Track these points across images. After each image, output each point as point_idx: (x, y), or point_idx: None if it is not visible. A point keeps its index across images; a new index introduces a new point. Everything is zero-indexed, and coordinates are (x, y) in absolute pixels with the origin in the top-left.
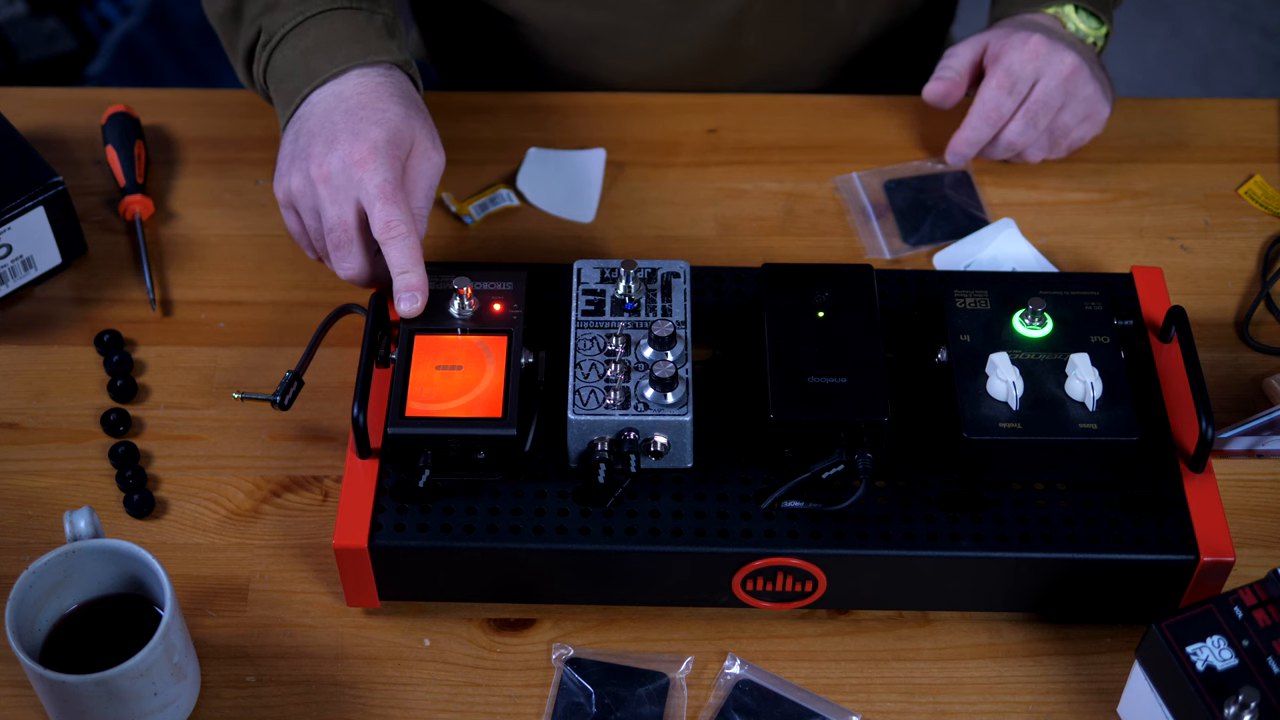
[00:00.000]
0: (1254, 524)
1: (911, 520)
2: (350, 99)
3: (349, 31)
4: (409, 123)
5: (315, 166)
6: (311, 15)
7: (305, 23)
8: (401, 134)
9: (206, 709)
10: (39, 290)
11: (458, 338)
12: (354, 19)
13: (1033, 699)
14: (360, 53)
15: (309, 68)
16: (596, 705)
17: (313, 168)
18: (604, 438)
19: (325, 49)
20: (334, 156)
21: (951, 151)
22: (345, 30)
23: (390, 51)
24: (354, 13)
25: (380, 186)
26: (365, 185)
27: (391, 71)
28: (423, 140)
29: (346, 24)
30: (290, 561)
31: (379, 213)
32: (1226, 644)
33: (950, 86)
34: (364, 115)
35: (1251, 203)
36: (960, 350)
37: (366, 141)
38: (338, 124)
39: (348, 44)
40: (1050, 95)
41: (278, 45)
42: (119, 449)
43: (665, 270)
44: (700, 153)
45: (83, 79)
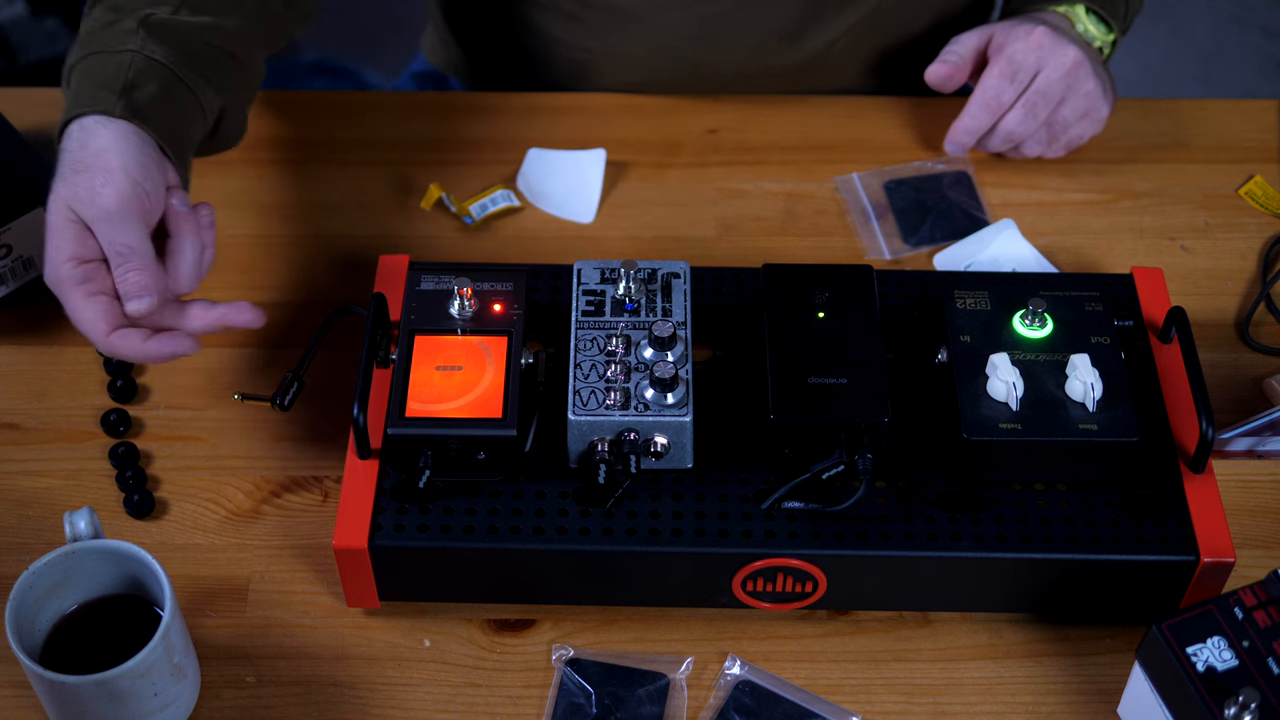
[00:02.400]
0: (1254, 524)
1: (911, 521)
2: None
3: (74, 86)
4: (62, 208)
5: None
6: (67, 80)
7: (75, 68)
8: (59, 229)
9: (206, 709)
10: (39, 291)
11: (458, 338)
12: (86, 68)
13: (1033, 699)
14: (63, 112)
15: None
16: (596, 706)
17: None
18: (604, 438)
19: (69, 97)
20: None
21: (950, 140)
22: (73, 86)
23: (94, 100)
24: (90, 59)
25: (68, 312)
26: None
27: (76, 133)
28: (81, 205)
29: (77, 78)
30: (290, 562)
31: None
32: (1227, 645)
33: (953, 70)
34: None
35: (1251, 203)
36: (960, 351)
37: (45, 264)
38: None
39: (69, 96)
40: (1051, 87)
41: (68, 83)
42: (119, 449)
43: (665, 270)
44: (700, 153)
45: None
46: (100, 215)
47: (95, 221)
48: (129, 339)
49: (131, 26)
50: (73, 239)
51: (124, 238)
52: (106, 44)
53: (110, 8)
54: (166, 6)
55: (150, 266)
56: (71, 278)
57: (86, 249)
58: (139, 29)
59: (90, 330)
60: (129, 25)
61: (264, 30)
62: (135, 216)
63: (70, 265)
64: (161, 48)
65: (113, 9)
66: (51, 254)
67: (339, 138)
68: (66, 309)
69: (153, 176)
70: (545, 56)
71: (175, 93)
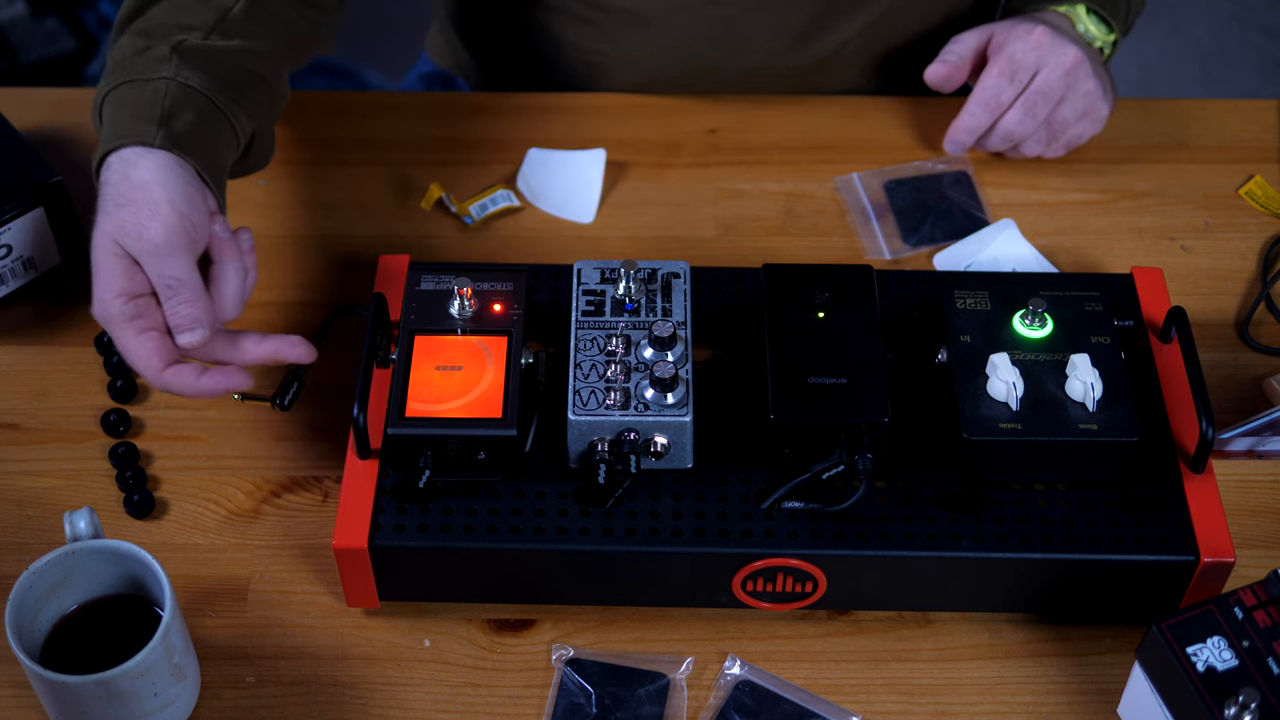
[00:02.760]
0: (1254, 524)
1: (911, 520)
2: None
3: (109, 116)
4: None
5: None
6: (99, 103)
7: (100, 113)
8: (105, 266)
9: (206, 709)
10: (39, 290)
11: (458, 338)
12: (119, 98)
13: (1033, 699)
14: (104, 142)
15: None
16: (596, 706)
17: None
18: (604, 438)
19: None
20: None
21: (949, 139)
22: (109, 116)
23: (133, 133)
24: (123, 89)
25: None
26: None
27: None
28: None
29: (111, 108)
30: (290, 561)
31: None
32: (1227, 645)
33: (952, 70)
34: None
35: (1251, 203)
36: (960, 350)
37: (94, 303)
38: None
39: (104, 133)
40: (1050, 86)
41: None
42: (119, 449)
43: (665, 270)
44: (700, 153)
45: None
46: (148, 249)
47: (143, 255)
48: (183, 375)
49: (164, 53)
50: (121, 274)
51: (173, 270)
52: (139, 71)
53: (140, 34)
54: (198, 32)
55: (200, 298)
56: (122, 314)
57: (135, 284)
58: (172, 55)
59: (144, 368)
60: (161, 52)
61: (291, 51)
62: (183, 248)
63: (120, 301)
64: (196, 74)
65: (143, 35)
66: (100, 290)
67: (339, 138)
68: (118, 345)
69: (196, 206)
70: (557, 59)
71: (211, 119)
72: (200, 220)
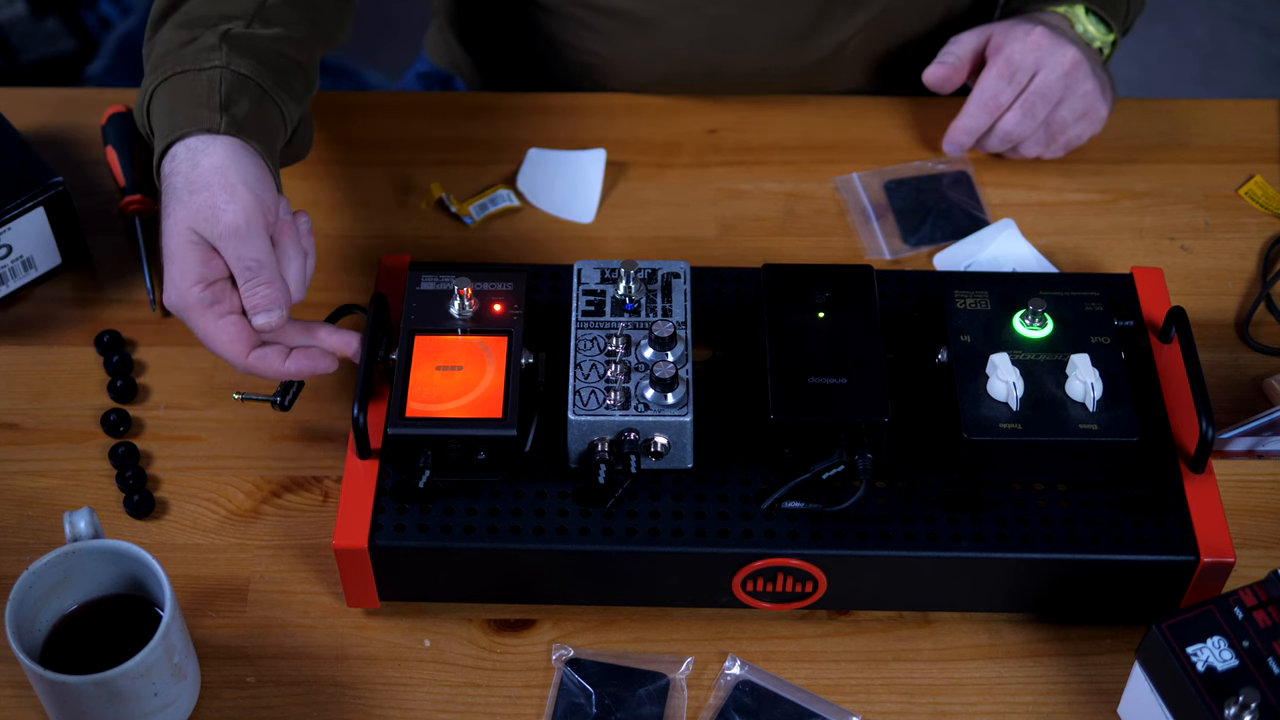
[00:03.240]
0: (1254, 524)
1: (911, 520)
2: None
3: (168, 106)
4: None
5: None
6: (148, 99)
7: (149, 105)
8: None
9: (206, 709)
10: (39, 290)
11: (458, 338)
12: (174, 87)
13: (1033, 700)
14: (166, 130)
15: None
16: (596, 706)
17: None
18: (604, 438)
19: (157, 132)
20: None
21: (949, 141)
22: (165, 106)
23: (195, 119)
24: (177, 79)
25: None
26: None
27: (184, 152)
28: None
29: (166, 97)
30: (290, 562)
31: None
32: (1227, 645)
33: (951, 71)
34: (161, 248)
35: (1251, 203)
36: (960, 350)
37: (168, 291)
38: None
39: (162, 122)
40: (1049, 87)
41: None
42: (119, 449)
43: (665, 270)
44: (700, 153)
45: (83, 79)
46: (226, 232)
47: (221, 239)
48: (269, 359)
49: (213, 42)
50: (197, 261)
51: (251, 252)
52: (190, 62)
53: (182, 26)
54: (240, 20)
55: (277, 279)
56: (201, 301)
57: (212, 269)
58: (221, 44)
59: (228, 352)
60: (210, 41)
61: (322, 38)
62: (260, 230)
63: (198, 289)
64: (245, 61)
65: (184, 27)
66: (175, 278)
67: (339, 137)
68: (198, 333)
69: (268, 188)
70: (554, 61)
71: (264, 105)
72: (272, 202)
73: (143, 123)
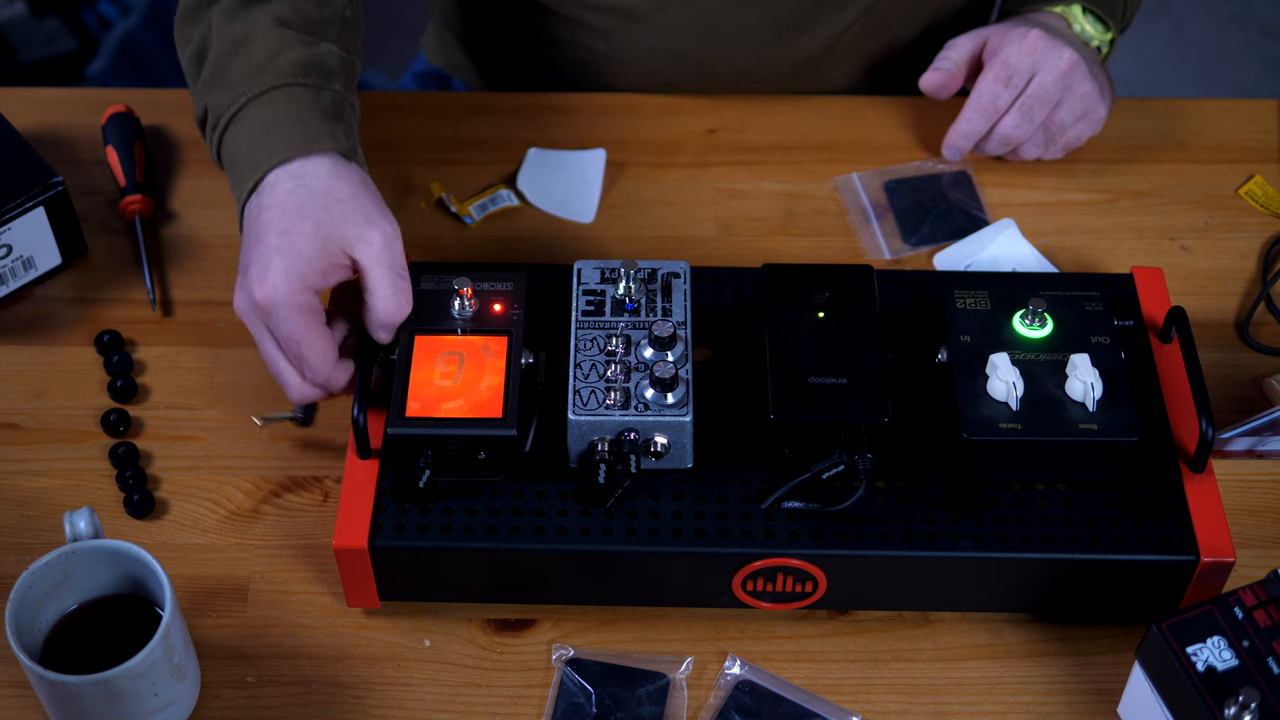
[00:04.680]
0: (1254, 524)
1: (911, 521)
2: (264, 218)
3: (290, 115)
4: (320, 236)
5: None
6: (256, 95)
7: (250, 104)
8: (307, 256)
9: (206, 709)
10: (39, 290)
11: (458, 338)
12: (299, 98)
13: (1033, 700)
14: (298, 142)
15: (252, 157)
16: (596, 706)
17: (240, 296)
18: (604, 438)
19: (268, 136)
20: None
21: (947, 145)
22: (288, 112)
23: (333, 138)
24: (300, 89)
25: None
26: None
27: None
28: (355, 231)
29: (290, 105)
30: (290, 561)
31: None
32: (1227, 644)
33: (947, 78)
34: (268, 242)
35: (1252, 203)
36: (960, 350)
37: (263, 285)
38: (255, 248)
39: (287, 130)
40: (1047, 90)
41: (226, 128)
42: (119, 449)
43: (665, 270)
44: (700, 153)
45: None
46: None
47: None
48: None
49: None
50: (319, 268)
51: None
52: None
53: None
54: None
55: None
56: (309, 305)
57: (327, 279)
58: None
59: (320, 359)
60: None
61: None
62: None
63: (309, 293)
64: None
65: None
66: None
67: None
68: (285, 332)
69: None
70: (550, 58)
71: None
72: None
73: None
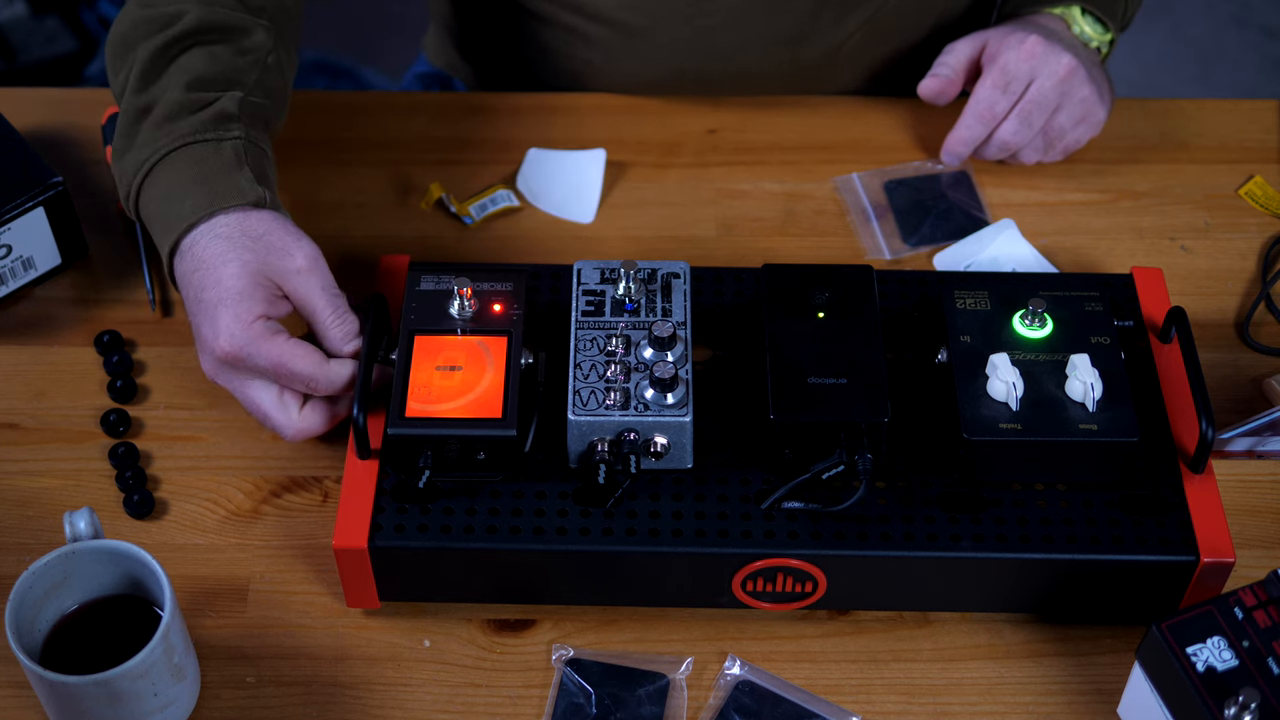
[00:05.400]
0: (1254, 524)
1: (911, 521)
2: (196, 274)
3: (194, 174)
4: (247, 272)
5: (207, 358)
6: (160, 159)
7: (155, 168)
8: (245, 292)
9: (206, 709)
10: (39, 290)
11: (458, 338)
12: (199, 155)
13: (1033, 700)
14: (204, 202)
15: (165, 221)
16: (596, 706)
17: (205, 360)
18: (604, 438)
19: (173, 199)
20: (205, 355)
21: (946, 151)
22: (190, 174)
23: (240, 192)
24: (200, 146)
25: (271, 369)
26: (259, 370)
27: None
28: (277, 262)
29: (191, 165)
30: (290, 562)
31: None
32: (1227, 645)
33: (945, 84)
34: (206, 299)
35: (1252, 203)
36: (960, 351)
37: (220, 338)
38: (197, 311)
39: (194, 190)
40: (1045, 96)
41: (139, 194)
42: (119, 449)
43: (665, 271)
44: (700, 153)
45: (83, 79)
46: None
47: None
48: (349, 366)
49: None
50: (263, 300)
51: (331, 282)
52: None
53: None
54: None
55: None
56: (268, 329)
57: (276, 308)
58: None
59: (308, 365)
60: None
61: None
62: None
63: (261, 322)
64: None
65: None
66: (232, 320)
67: (339, 138)
68: (267, 363)
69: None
70: (548, 69)
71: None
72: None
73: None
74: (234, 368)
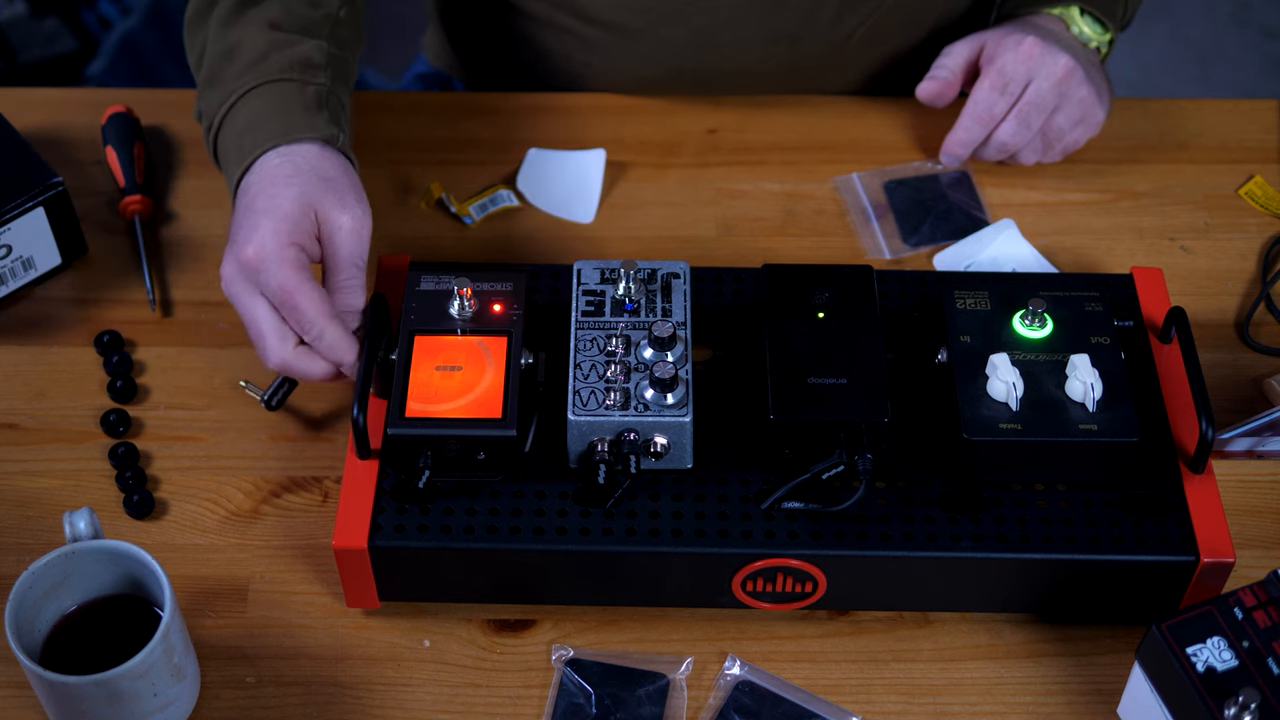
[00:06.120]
0: (1254, 524)
1: (911, 521)
2: (252, 189)
3: (275, 108)
4: (304, 202)
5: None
6: (244, 92)
7: (239, 101)
8: (293, 217)
9: (206, 709)
10: (39, 290)
11: (457, 338)
12: (283, 93)
13: (1033, 700)
14: (280, 131)
15: (240, 147)
16: (596, 706)
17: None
18: (604, 438)
19: (253, 128)
20: (229, 259)
21: (945, 152)
22: (271, 107)
23: (315, 127)
24: (285, 85)
25: (278, 291)
26: (268, 288)
27: (304, 149)
28: (330, 208)
29: (275, 100)
30: (290, 562)
31: (288, 317)
32: (1226, 645)
33: (943, 86)
34: (256, 207)
35: (1251, 203)
36: (960, 351)
37: (251, 243)
38: (243, 216)
39: (271, 122)
40: (1043, 97)
41: (220, 128)
42: (119, 450)
43: (665, 271)
44: (700, 153)
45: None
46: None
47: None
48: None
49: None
50: (304, 231)
51: (363, 254)
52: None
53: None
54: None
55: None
56: (296, 259)
57: (310, 246)
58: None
59: (313, 308)
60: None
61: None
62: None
63: (294, 249)
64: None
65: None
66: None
67: None
68: (275, 287)
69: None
70: (545, 70)
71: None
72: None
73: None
74: (249, 278)
